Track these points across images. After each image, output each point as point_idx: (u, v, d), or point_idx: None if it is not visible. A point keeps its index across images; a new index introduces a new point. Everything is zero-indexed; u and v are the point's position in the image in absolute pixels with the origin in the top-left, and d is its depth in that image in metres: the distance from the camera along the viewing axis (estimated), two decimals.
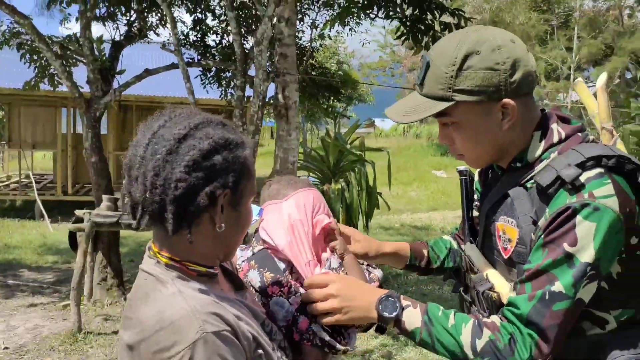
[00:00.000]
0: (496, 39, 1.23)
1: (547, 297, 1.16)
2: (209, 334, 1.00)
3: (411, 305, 1.27)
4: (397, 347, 4.65)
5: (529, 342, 1.17)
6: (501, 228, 1.33)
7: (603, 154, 1.18)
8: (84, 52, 5.72)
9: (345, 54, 28.29)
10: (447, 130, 1.32)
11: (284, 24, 5.82)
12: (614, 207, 1.15)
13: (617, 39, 21.42)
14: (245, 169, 1.12)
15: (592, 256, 1.14)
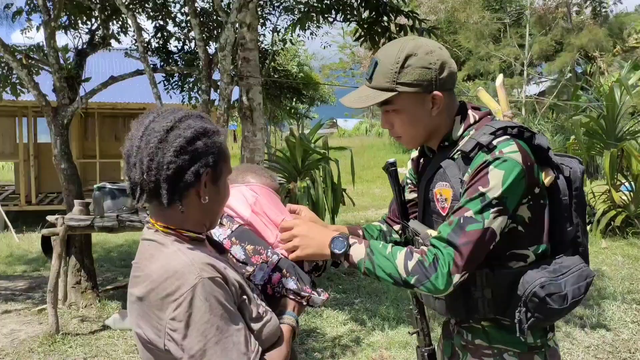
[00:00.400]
0: (429, 45, 1.60)
1: (461, 222, 1.50)
2: (206, 279, 1.26)
3: (357, 242, 1.59)
4: (365, 332, 4.92)
5: (447, 259, 1.48)
6: (438, 192, 1.67)
7: (508, 126, 1.57)
8: (49, 61, 5.82)
9: (306, 56, 28.54)
10: (388, 116, 1.67)
11: (245, 29, 6.04)
12: (518, 159, 1.50)
13: (565, 36, 22.22)
14: (222, 152, 1.39)
15: (499, 193, 1.48)
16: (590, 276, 1.61)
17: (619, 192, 9.11)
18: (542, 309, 1.53)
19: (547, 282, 1.53)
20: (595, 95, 10.04)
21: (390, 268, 1.52)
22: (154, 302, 1.28)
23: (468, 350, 1.72)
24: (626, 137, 9.19)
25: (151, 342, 1.30)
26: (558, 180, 1.62)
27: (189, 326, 1.24)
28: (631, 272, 6.72)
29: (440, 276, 1.47)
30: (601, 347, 4.51)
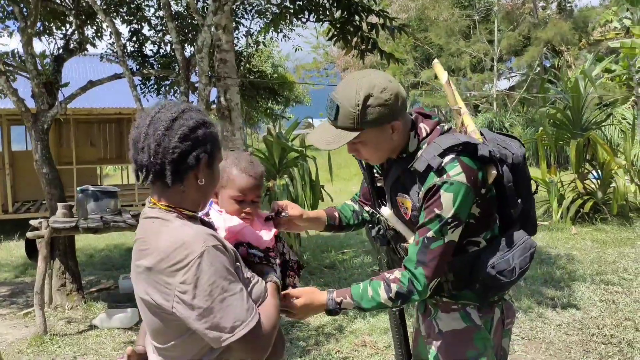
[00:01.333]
0: (381, 82, 1.78)
1: (425, 242, 1.78)
2: (210, 247, 1.45)
3: (343, 297, 1.87)
4: (348, 320, 5.10)
5: (420, 278, 1.78)
6: (400, 201, 1.94)
7: (454, 144, 1.77)
8: (27, 67, 5.87)
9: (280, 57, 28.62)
10: (355, 146, 1.88)
11: (221, 31, 6.18)
12: (463, 180, 1.74)
13: (532, 30, 22.72)
14: (217, 141, 1.60)
15: (452, 213, 1.74)
16: (533, 246, 1.88)
17: (586, 181, 9.45)
18: (496, 284, 1.85)
19: (497, 262, 1.83)
20: (563, 88, 10.36)
21: (378, 305, 1.84)
22: (163, 271, 1.44)
23: (438, 307, 1.99)
24: (591, 127, 9.54)
25: (159, 306, 1.47)
26: (502, 173, 1.85)
27: (197, 288, 1.41)
28: (599, 256, 7.02)
29: (418, 292, 1.80)
30: (571, 325, 4.75)
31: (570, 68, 20.61)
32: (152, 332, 1.58)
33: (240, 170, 1.89)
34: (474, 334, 1.91)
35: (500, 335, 2.00)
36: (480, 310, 1.92)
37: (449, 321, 1.95)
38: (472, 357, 1.91)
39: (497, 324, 1.97)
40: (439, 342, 1.96)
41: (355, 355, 4.33)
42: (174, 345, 1.54)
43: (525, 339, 4.52)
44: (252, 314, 1.47)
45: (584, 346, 4.33)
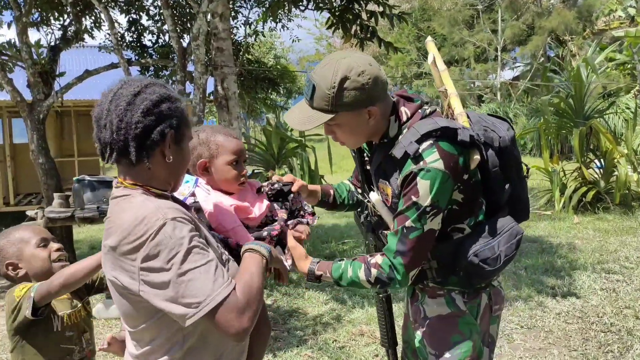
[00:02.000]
0: (360, 65, 1.70)
1: (404, 231, 1.72)
2: (169, 219, 1.39)
3: (323, 273, 1.85)
4: (346, 309, 5.06)
5: (399, 267, 1.73)
6: (381, 187, 1.90)
7: (432, 129, 1.69)
8: (22, 56, 5.84)
9: (282, 48, 28.53)
10: (330, 127, 1.83)
11: (218, 19, 6.10)
12: (440, 167, 1.67)
13: (536, 19, 22.53)
14: (184, 117, 1.53)
15: (429, 200, 1.68)
16: (519, 233, 1.81)
17: (589, 170, 9.37)
18: (479, 272, 1.78)
19: (481, 249, 1.76)
20: (566, 78, 10.26)
21: (358, 285, 1.82)
22: (125, 249, 1.38)
23: (425, 292, 1.95)
24: (594, 115, 9.44)
25: (126, 287, 1.41)
26: (487, 157, 1.78)
27: (158, 262, 1.35)
28: (601, 245, 6.95)
29: (398, 280, 1.75)
30: (571, 313, 4.70)
31: (575, 57, 20.45)
32: (123, 316, 1.52)
33: (225, 134, 1.87)
34: (459, 319, 1.87)
35: (488, 322, 1.94)
36: (466, 296, 1.87)
37: (434, 307, 1.90)
38: (457, 342, 1.86)
39: (485, 310, 1.91)
40: (424, 327, 1.92)
41: (352, 344, 4.29)
42: (143, 329, 1.48)
43: (525, 327, 4.47)
44: (221, 286, 1.36)
45: (584, 334, 4.28)
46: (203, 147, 1.83)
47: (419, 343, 1.94)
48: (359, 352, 4.13)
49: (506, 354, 4.00)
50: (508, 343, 4.19)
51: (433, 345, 1.89)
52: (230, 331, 1.37)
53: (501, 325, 4.48)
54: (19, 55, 5.97)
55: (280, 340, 4.46)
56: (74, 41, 7.00)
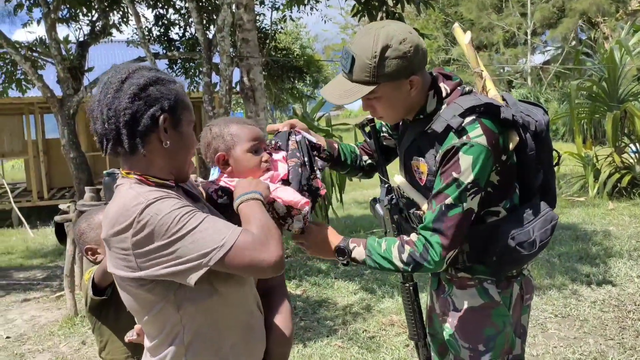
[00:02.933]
0: (400, 33, 1.64)
1: (443, 209, 1.64)
2: (151, 200, 1.35)
3: (356, 245, 1.78)
4: (375, 299, 5.03)
5: (436, 246, 1.65)
6: (415, 165, 1.81)
7: (475, 105, 1.64)
8: (51, 52, 5.92)
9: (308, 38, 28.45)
10: (370, 102, 1.75)
11: (242, 10, 6.10)
12: (483, 142, 1.61)
13: (567, 1, 22.00)
14: (179, 99, 1.47)
15: (471, 178, 1.61)
16: (554, 219, 1.76)
17: (624, 155, 9.12)
18: (515, 257, 1.72)
19: (517, 233, 1.70)
20: (599, 61, 9.99)
21: (388, 264, 1.72)
22: (115, 239, 1.36)
23: (453, 283, 1.87)
24: (628, 98, 9.18)
25: (125, 278, 1.40)
26: (525, 139, 1.72)
27: (153, 237, 1.33)
28: (638, 231, 6.77)
29: (433, 262, 1.66)
30: (607, 302, 4.58)
31: (607, 40, 19.93)
32: (130, 310, 1.50)
33: (238, 123, 1.80)
34: (493, 310, 1.80)
35: (520, 312, 1.88)
36: (499, 286, 1.80)
37: (465, 297, 1.83)
38: (491, 335, 1.80)
39: (517, 299, 1.84)
40: (455, 320, 1.85)
41: (382, 334, 4.26)
42: (147, 323, 1.47)
43: (559, 316, 4.38)
44: (229, 230, 1.36)
45: (620, 323, 4.17)
46: (218, 140, 1.76)
47: (449, 336, 1.88)
48: (389, 342, 4.10)
49: (540, 344, 3.93)
50: (542, 332, 4.11)
51: (466, 338, 1.83)
52: (262, 265, 1.36)
53: (534, 314, 4.40)
54: (49, 52, 6.05)
55: (310, 330, 4.45)
56: (102, 36, 7.07)
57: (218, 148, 1.75)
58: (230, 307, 1.50)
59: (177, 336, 1.45)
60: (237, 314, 1.53)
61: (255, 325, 1.60)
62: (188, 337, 1.45)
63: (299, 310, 4.91)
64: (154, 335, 1.48)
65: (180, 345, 1.45)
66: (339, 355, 3.93)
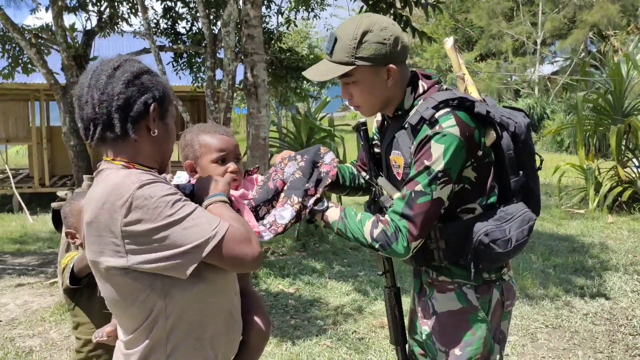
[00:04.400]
0: (383, 22, 1.72)
1: (412, 195, 1.67)
2: (144, 181, 1.35)
3: (334, 205, 1.81)
4: (368, 301, 5.02)
5: (404, 231, 1.67)
6: (393, 159, 1.85)
7: (449, 98, 1.68)
8: (57, 39, 5.93)
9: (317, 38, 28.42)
10: (348, 87, 1.80)
11: (249, 6, 6.10)
12: (456, 133, 1.64)
13: (578, 13, 21.94)
14: (166, 92, 1.51)
15: (442, 166, 1.64)
16: (532, 219, 1.75)
17: (626, 169, 9.09)
18: (489, 254, 1.71)
19: (492, 230, 1.70)
20: (607, 74, 9.94)
21: (358, 233, 1.73)
22: (103, 221, 1.34)
23: (434, 286, 1.88)
24: (633, 112, 9.14)
25: (110, 266, 1.37)
26: (502, 137, 1.74)
27: (145, 222, 1.32)
28: (635, 246, 6.75)
29: (400, 245, 1.67)
30: (599, 315, 4.57)
31: (617, 53, 19.86)
32: (108, 302, 1.48)
33: (210, 132, 1.81)
34: (470, 315, 1.80)
35: (499, 317, 1.87)
36: (477, 291, 1.81)
37: (444, 301, 1.83)
38: (467, 339, 1.80)
39: (496, 305, 1.83)
40: (433, 323, 1.86)
41: (372, 336, 4.26)
42: (127, 314, 1.45)
43: (550, 327, 4.36)
44: (218, 222, 1.39)
45: (611, 337, 4.15)
46: (188, 148, 1.79)
47: (427, 339, 1.88)
48: (378, 344, 4.10)
49: (529, 353, 3.92)
50: (531, 342, 4.09)
51: (443, 342, 1.84)
52: (246, 259, 1.40)
53: (525, 324, 4.39)
54: (54, 39, 6.06)
55: (300, 328, 4.45)
56: (108, 26, 7.07)
57: (188, 156, 1.79)
58: (215, 295, 1.50)
59: (159, 325, 1.44)
60: (220, 303, 1.53)
61: (235, 316, 1.61)
62: (170, 325, 1.43)
63: (290, 309, 4.91)
64: (134, 327, 1.45)
65: (162, 335, 1.44)
66: (327, 355, 3.93)
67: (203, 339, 1.49)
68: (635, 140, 8.99)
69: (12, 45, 7.05)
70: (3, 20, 5.76)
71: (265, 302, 5.05)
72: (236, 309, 1.61)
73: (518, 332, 4.25)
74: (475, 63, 25.80)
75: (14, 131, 14.57)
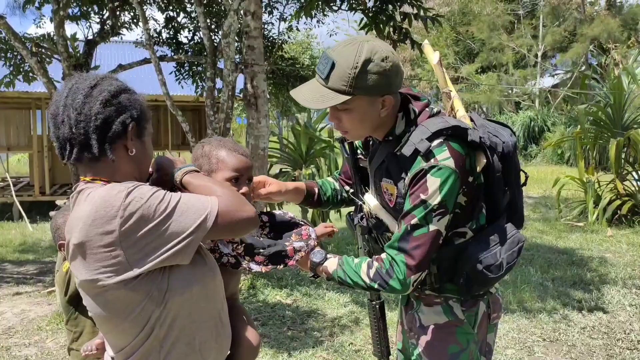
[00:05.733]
0: (383, 50, 1.64)
1: (409, 229, 1.65)
2: (130, 188, 1.34)
3: (332, 256, 1.81)
4: (365, 313, 5.01)
5: (401, 265, 1.65)
6: (385, 187, 1.81)
7: (442, 128, 1.65)
8: (58, 49, 5.95)
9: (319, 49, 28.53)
10: (337, 112, 1.73)
11: (250, 17, 6.13)
12: (451, 165, 1.62)
13: (579, 26, 22.03)
14: (144, 110, 1.49)
15: (438, 200, 1.62)
16: (521, 241, 1.76)
17: (626, 182, 9.09)
18: (482, 280, 1.72)
19: (484, 257, 1.70)
20: (607, 87, 9.97)
21: (357, 277, 1.72)
22: (96, 238, 1.32)
23: (421, 300, 1.87)
24: (633, 126, 9.16)
25: (115, 283, 1.34)
26: (492, 162, 1.72)
27: (145, 223, 1.32)
28: (634, 259, 6.74)
29: (397, 280, 1.65)
30: (597, 329, 4.55)
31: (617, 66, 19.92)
32: (103, 319, 1.44)
33: (229, 149, 1.78)
34: (457, 328, 1.80)
35: (485, 330, 1.87)
36: (464, 304, 1.80)
37: (431, 315, 1.83)
38: (454, 352, 1.80)
39: (482, 318, 1.84)
40: (420, 336, 1.85)
41: (368, 348, 4.24)
42: (121, 330, 1.43)
43: (547, 340, 4.35)
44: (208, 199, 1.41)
45: (608, 351, 4.14)
46: (204, 159, 1.76)
47: (415, 353, 1.88)
48: (374, 357, 4.08)
49: None
50: (528, 356, 4.08)
51: (430, 355, 1.83)
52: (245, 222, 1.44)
53: (522, 337, 4.38)
54: (55, 48, 6.09)
55: (296, 340, 4.44)
56: (110, 36, 7.10)
57: (202, 166, 1.75)
58: (206, 300, 1.50)
59: (154, 334, 1.43)
60: (210, 308, 1.53)
61: (224, 322, 1.61)
62: (163, 332, 1.43)
63: (287, 320, 4.90)
64: (127, 341, 1.44)
65: (155, 343, 1.44)
66: None
67: (194, 345, 1.48)
68: (634, 153, 9.00)
69: (13, 54, 7.08)
70: (5, 29, 5.79)
71: (262, 313, 5.04)
72: (225, 315, 1.61)
73: (515, 346, 4.24)
74: (476, 75, 25.87)
75: (15, 139, 14.61)
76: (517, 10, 24.90)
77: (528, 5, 25.30)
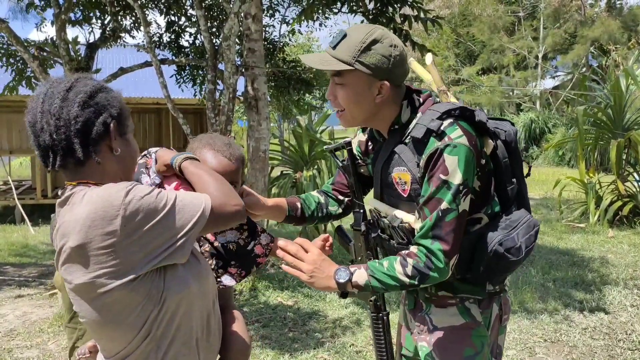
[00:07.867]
0: (394, 40, 1.70)
1: (440, 215, 1.61)
2: (128, 187, 1.33)
3: (357, 268, 1.69)
4: (366, 314, 5.02)
5: (438, 253, 1.61)
6: (397, 176, 1.77)
7: (451, 108, 1.67)
8: (60, 53, 5.98)
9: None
10: (335, 87, 1.75)
11: (250, 20, 6.15)
12: (465, 142, 1.62)
13: (579, 28, 22.04)
14: (123, 107, 1.47)
15: (460, 178, 1.61)
16: (536, 225, 1.76)
17: (627, 183, 9.09)
18: (503, 264, 1.69)
19: (504, 239, 1.68)
20: (608, 89, 9.97)
21: (393, 280, 1.64)
22: (97, 238, 1.29)
23: (432, 302, 1.83)
24: (633, 127, 9.16)
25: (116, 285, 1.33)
26: (497, 146, 1.75)
27: (147, 221, 1.32)
28: (635, 260, 6.74)
29: (438, 269, 1.62)
30: (598, 329, 4.56)
31: (618, 68, 19.93)
32: (98, 325, 1.41)
33: (216, 151, 1.74)
34: (473, 330, 1.77)
35: (497, 332, 1.86)
36: (481, 305, 1.79)
37: (444, 317, 1.80)
38: (469, 355, 1.76)
39: (495, 320, 1.83)
40: (433, 339, 1.80)
41: (369, 349, 4.25)
42: (118, 334, 1.41)
43: (548, 341, 4.35)
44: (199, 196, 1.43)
45: (609, 351, 4.14)
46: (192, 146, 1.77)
47: (426, 356, 1.82)
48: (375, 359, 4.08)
49: None
50: (529, 356, 4.08)
51: (443, 357, 1.79)
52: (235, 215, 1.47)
53: (523, 338, 4.38)
54: (57, 52, 6.11)
55: (298, 341, 4.45)
56: (111, 40, 7.13)
57: None
58: (200, 297, 1.50)
59: (151, 335, 1.42)
60: (203, 306, 1.53)
61: (214, 320, 1.60)
62: (160, 332, 1.42)
63: (288, 321, 4.91)
64: (122, 345, 1.43)
65: (152, 345, 1.43)
66: None
67: (190, 344, 1.49)
68: (635, 154, 9.00)
69: (16, 59, 7.10)
70: (7, 34, 5.82)
71: (263, 315, 5.05)
72: (214, 314, 1.60)
73: (516, 347, 4.24)
74: (477, 77, 25.90)
75: (17, 143, 14.62)
76: (518, 12, 24.94)
77: (528, 7, 25.32)
